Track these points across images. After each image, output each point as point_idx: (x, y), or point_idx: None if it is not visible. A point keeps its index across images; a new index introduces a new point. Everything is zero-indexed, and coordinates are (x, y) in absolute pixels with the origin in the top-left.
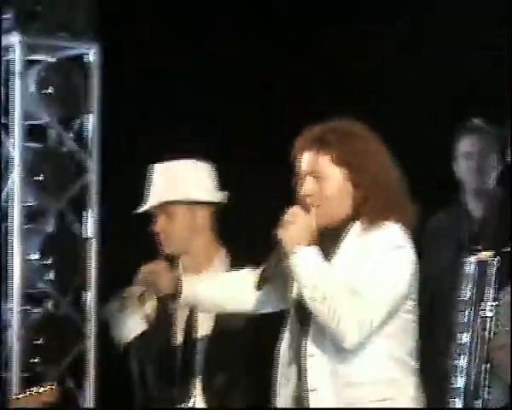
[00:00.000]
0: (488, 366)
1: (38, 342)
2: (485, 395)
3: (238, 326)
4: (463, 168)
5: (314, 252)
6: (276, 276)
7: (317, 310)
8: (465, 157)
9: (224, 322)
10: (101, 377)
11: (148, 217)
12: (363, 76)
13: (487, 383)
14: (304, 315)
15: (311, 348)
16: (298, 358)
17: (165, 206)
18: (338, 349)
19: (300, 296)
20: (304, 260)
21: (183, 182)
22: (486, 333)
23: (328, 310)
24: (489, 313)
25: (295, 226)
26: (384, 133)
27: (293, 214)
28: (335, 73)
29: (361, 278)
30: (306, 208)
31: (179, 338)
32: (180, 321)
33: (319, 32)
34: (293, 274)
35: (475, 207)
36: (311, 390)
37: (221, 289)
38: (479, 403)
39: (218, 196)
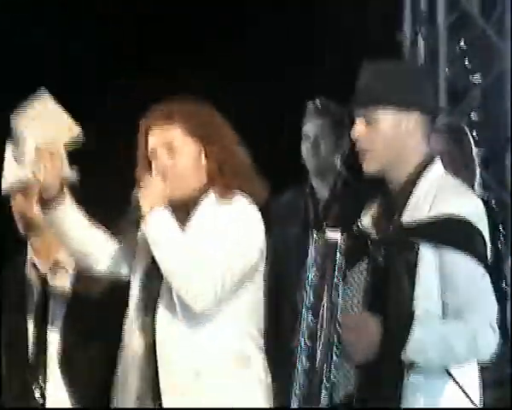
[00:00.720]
0: (335, 348)
1: None
2: (332, 378)
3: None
4: (303, 150)
5: (167, 213)
6: (129, 238)
7: (167, 271)
8: (305, 138)
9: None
10: None
11: None
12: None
13: (334, 366)
14: (151, 284)
15: (160, 317)
16: (148, 327)
17: None
18: (189, 315)
19: (150, 261)
20: (160, 222)
21: None
22: (334, 314)
23: (179, 272)
24: (334, 294)
25: (152, 195)
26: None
27: (152, 183)
28: None
29: (212, 245)
30: (161, 180)
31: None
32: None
33: None
34: (149, 236)
35: (319, 188)
36: (162, 355)
37: (90, 233)
38: (326, 385)
39: None
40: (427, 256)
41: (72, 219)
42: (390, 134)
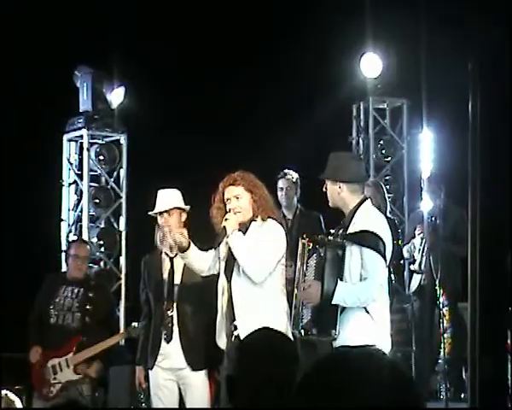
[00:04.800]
0: (301, 302)
1: None
2: (304, 322)
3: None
4: (279, 194)
5: (239, 233)
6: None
7: (241, 259)
8: (279, 190)
9: (187, 273)
10: None
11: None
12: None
13: (304, 314)
14: (230, 267)
15: (234, 281)
16: (228, 289)
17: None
18: (249, 281)
19: (230, 256)
20: (236, 236)
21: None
22: (301, 281)
23: (247, 263)
24: (303, 271)
25: (230, 221)
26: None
27: (229, 215)
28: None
29: (260, 244)
30: (234, 213)
31: (166, 276)
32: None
33: None
34: (231, 245)
35: (287, 214)
36: (236, 303)
37: (202, 257)
38: (300, 332)
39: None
40: (355, 250)
41: (194, 254)
42: (330, 193)
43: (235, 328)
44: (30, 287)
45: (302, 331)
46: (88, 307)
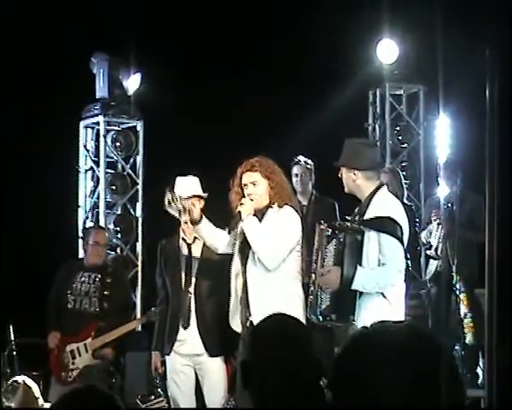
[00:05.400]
0: (320, 288)
1: None
2: (322, 308)
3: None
4: (294, 181)
5: (254, 218)
6: (235, 230)
7: (254, 245)
8: (294, 175)
9: (206, 250)
10: None
11: None
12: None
13: (323, 299)
14: (244, 252)
15: (249, 266)
16: (243, 274)
17: None
18: (263, 268)
19: (244, 241)
20: (250, 221)
21: None
22: (318, 268)
23: (261, 248)
24: (322, 256)
25: (246, 206)
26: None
27: (245, 200)
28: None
29: (275, 231)
30: (251, 199)
31: (184, 251)
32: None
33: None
34: (245, 229)
35: (302, 201)
36: (250, 289)
37: (215, 233)
38: (318, 317)
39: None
40: (373, 236)
41: (206, 226)
42: (346, 180)
43: (250, 314)
44: (47, 273)
45: (320, 317)
46: (106, 292)
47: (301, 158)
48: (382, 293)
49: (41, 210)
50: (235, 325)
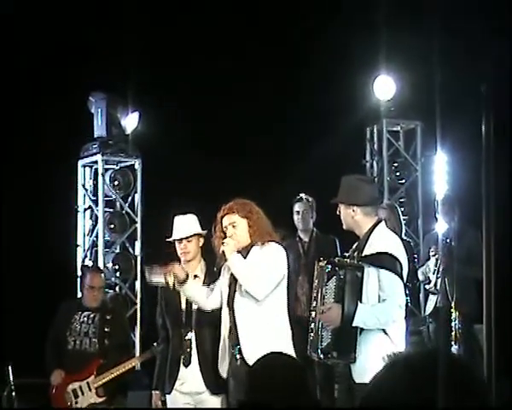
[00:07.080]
0: (320, 325)
1: None
2: (323, 346)
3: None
4: (295, 218)
5: (239, 256)
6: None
7: (241, 278)
8: (296, 213)
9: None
10: None
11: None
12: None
13: (324, 337)
14: (233, 292)
15: (237, 303)
16: (231, 311)
17: None
18: (251, 300)
19: (231, 278)
20: (235, 257)
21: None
22: (320, 303)
23: (248, 280)
24: (322, 294)
25: (229, 245)
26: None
27: (227, 240)
28: None
29: (261, 266)
30: (232, 239)
31: (183, 303)
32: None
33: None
34: (230, 265)
35: (303, 237)
36: (239, 324)
37: (201, 293)
38: (316, 339)
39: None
40: (372, 272)
41: (191, 288)
42: (344, 216)
43: (239, 351)
44: (46, 313)
45: (321, 355)
46: (106, 329)
47: (303, 195)
48: (383, 329)
49: (40, 250)
50: (223, 370)
